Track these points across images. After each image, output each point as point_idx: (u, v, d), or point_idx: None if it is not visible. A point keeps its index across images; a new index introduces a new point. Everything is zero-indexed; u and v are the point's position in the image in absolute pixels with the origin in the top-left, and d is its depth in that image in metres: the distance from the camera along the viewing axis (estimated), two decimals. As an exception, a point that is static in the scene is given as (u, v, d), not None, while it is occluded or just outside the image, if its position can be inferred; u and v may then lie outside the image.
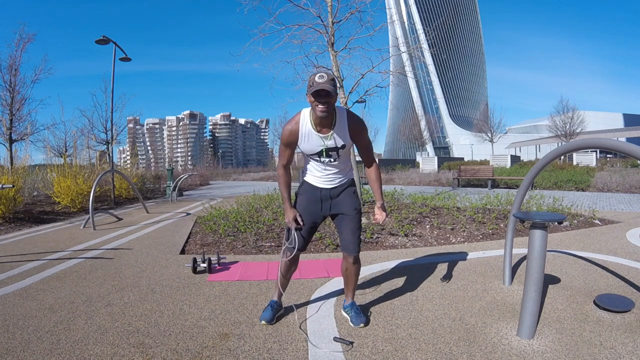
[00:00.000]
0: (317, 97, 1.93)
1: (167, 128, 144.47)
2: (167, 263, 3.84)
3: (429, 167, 25.34)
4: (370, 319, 2.38)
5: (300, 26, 6.27)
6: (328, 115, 1.99)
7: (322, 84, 1.89)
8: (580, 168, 18.68)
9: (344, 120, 2.09)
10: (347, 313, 2.36)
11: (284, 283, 2.41)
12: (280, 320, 2.37)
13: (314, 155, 2.17)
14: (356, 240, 2.24)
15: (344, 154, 2.18)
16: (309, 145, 2.12)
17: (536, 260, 2.07)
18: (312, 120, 2.07)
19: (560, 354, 1.90)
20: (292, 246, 2.24)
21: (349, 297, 2.41)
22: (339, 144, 2.11)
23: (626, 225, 5.50)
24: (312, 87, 1.91)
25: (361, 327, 2.26)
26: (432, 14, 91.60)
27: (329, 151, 2.13)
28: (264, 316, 2.32)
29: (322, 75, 1.93)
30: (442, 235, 4.82)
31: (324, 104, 1.94)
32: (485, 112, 49.35)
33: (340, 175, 2.26)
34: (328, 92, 1.91)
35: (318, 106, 1.95)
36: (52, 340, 2.13)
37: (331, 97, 1.94)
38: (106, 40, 9.56)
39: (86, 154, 12.40)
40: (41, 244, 4.95)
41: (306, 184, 2.31)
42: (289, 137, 2.12)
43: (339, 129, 2.09)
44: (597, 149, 16.29)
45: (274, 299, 2.42)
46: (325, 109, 1.95)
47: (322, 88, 1.89)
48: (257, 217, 5.64)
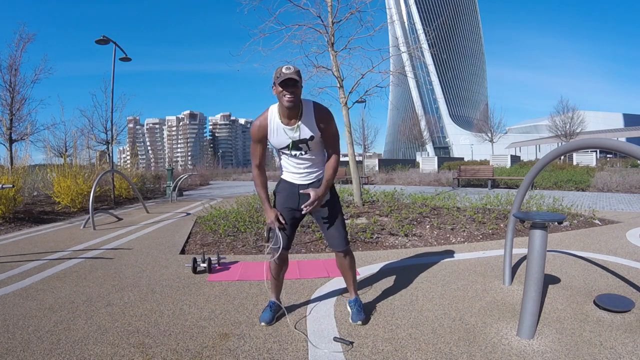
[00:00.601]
0: (284, 86, 1.97)
1: (167, 128, 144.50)
2: (167, 263, 3.84)
3: (429, 167, 25.34)
4: (370, 318, 2.38)
5: (300, 26, 6.28)
6: (294, 105, 2.03)
7: (289, 74, 1.95)
8: (580, 168, 18.68)
9: (310, 111, 2.12)
10: (351, 308, 2.39)
11: (278, 285, 2.39)
12: (280, 320, 2.37)
13: (284, 149, 2.19)
14: (341, 235, 2.26)
15: (314, 147, 2.18)
16: (278, 138, 2.15)
17: (536, 260, 2.07)
18: (280, 113, 2.11)
19: (560, 354, 1.90)
20: (277, 246, 2.22)
21: (351, 292, 2.43)
22: (306, 135, 2.12)
23: (626, 225, 5.50)
24: (280, 78, 1.96)
25: (359, 324, 2.27)
26: (432, 14, 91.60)
27: (298, 143, 2.14)
28: (263, 317, 2.32)
29: (289, 67, 1.98)
30: (442, 235, 4.82)
31: (291, 93, 1.98)
32: (485, 112, 49.35)
33: (316, 169, 2.25)
34: (295, 81, 1.97)
35: (285, 96, 1.98)
36: (52, 340, 2.13)
37: (297, 87, 1.99)
38: (106, 40, 9.56)
39: (86, 154, 12.42)
40: (41, 244, 4.95)
41: (283, 182, 2.31)
42: (258, 132, 2.15)
43: (305, 120, 2.11)
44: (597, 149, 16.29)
45: (272, 300, 2.42)
46: (292, 99, 1.99)
47: (289, 77, 1.94)
48: (257, 217, 5.64)
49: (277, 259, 2.26)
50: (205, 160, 72.31)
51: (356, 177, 6.79)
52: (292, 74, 1.95)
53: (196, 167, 48.17)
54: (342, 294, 2.80)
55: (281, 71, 1.98)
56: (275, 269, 2.33)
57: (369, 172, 22.55)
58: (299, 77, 1.98)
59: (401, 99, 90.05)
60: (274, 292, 2.42)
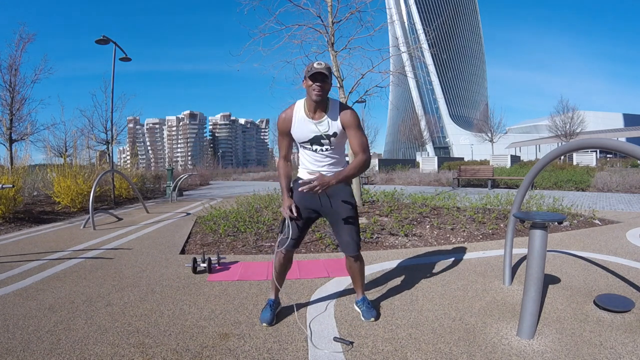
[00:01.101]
0: (314, 80, 2.04)
1: (167, 128, 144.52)
2: (167, 263, 3.84)
3: (429, 167, 25.34)
4: (380, 313, 2.43)
5: (300, 26, 6.28)
6: (322, 99, 2.10)
7: (320, 68, 2.03)
8: (580, 168, 18.68)
9: (336, 109, 2.19)
10: (359, 308, 2.42)
11: (280, 280, 2.38)
12: (280, 320, 2.37)
13: (307, 143, 2.20)
14: (355, 240, 2.26)
15: (337, 145, 2.20)
16: (301, 131, 2.18)
17: (536, 260, 2.07)
18: (306, 107, 2.18)
19: (560, 354, 1.90)
20: (285, 237, 2.20)
21: (359, 293, 2.46)
22: (329, 131, 2.16)
23: (626, 225, 5.50)
24: (310, 71, 2.05)
25: (372, 321, 2.32)
26: (432, 14, 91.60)
27: (320, 138, 2.16)
28: (263, 317, 2.31)
29: (320, 63, 2.07)
30: (442, 235, 4.82)
31: (320, 87, 2.05)
32: (485, 112, 49.30)
33: (334, 169, 2.25)
34: (325, 76, 2.04)
35: (315, 90, 2.05)
36: (52, 340, 2.13)
37: (326, 82, 2.06)
38: (106, 40, 9.56)
39: (86, 154, 12.43)
40: (41, 244, 4.95)
41: (300, 180, 2.31)
42: (283, 124, 2.22)
43: (330, 116, 2.17)
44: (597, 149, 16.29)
45: (271, 298, 2.40)
46: (320, 93, 2.06)
47: (320, 71, 2.02)
48: (257, 217, 5.64)
49: (284, 253, 2.25)
50: (205, 160, 72.34)
51: (356, 177, 6.79)
52: (323, 69, 2.04)
53: (196, 167, 48.17)
54: (343, 294, 2.80)
55: (312, 66, 2.06)
56: (279, 264, 2.31)
57: (369, 172, 22.54)
58: (329, 73, 2.06)
59: (401, 99, 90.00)
60: (274, 291, 2.41)
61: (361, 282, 2.43)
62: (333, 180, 2.04)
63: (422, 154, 53.13)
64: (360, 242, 2.33)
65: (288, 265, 2.36)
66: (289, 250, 2.26)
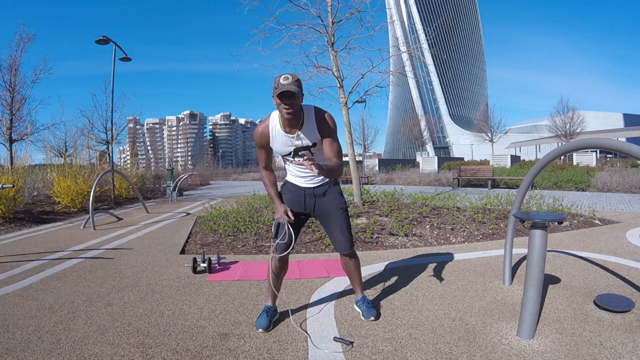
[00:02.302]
0: (282, 98, 1.92)
1: (167, 128, 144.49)
2: (167, 263, 3.84)
3: (429, 167, 25.32)
4: (381, 312, 2.43)
5: (300, 26, 6.28)
6: (294, 116, 2.00)
7: (287, 86, 1.89)
8: (580, 168, 18.68)
9: (311, 118, 2.09)
10: (359, 307, 2.42)
11: (277, 285, 2.33)
12: (280, 320, 2.36)
13: (287, 156, 2.19)
14: (347, 239, 2.27)
15: (318, 153, 2.16)
16: (280, 146, 2.15)
17: (536, 260, 2.07)
18: (281, 122, 2.09)
19: (560, 354, 1.90)
20: (284, 242, 2.19)
21: (358, 292, 2.46)
22: (309, 143, 2.12)
23: (626, 225, 5.50)
24: (277, 89, 1.91)
25: (372, 320, 2.32)
26: (432, 14, 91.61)
27: (299, 150, 2.14)
28: (260, 324, 2.23)
29: (287, 77, 1.92)
30: (442, 235, 4.82)
31: (289, 105, 1.94)
32: (485, 112, 49.28)
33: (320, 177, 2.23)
34: (293, 94, 1.91)
35: (285, 109, 1.95)
36: (52, 340, 2.13)
37: (296, 98, 1.94)
38: (106, 40, 9.56)
39: (86, 154, 12.36)
40: (41, 244, 4.95)
41: (289, 184, 2.31)
42: (260, 140, 2.17)
43: (307, 128, 2.09)
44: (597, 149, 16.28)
45: (268, 304, 2.33)
46: (290, 111, 1.95)
47: (287, 90, 1.89)
48: (257, 217, 5.64)
49: (280, 257, 2.23)
50: (205, 160, 72.24)
51: (356, 177, 6.79)
52: (290, 84, 1.89)
53: (196, 167, 48.17)
54: (343, 294, 2.80)
55: (279, 82, 1.92)
56: (277, 269, 2.28)
57: (369, 172, 22.54)
58: (297, 87, 1.92)
59: (401, 99, 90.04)
60: (271, 296, 2.34)
61: (359, 280, 2.43)
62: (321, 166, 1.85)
63: (422, 154, 53.16)
64: (353, 240, 2.34)
65: (285, 269, 2.33)
66: (285, 253, 2.25)
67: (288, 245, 2.20)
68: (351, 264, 2.36)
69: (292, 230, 2.20)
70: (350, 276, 2.43)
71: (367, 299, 2.45)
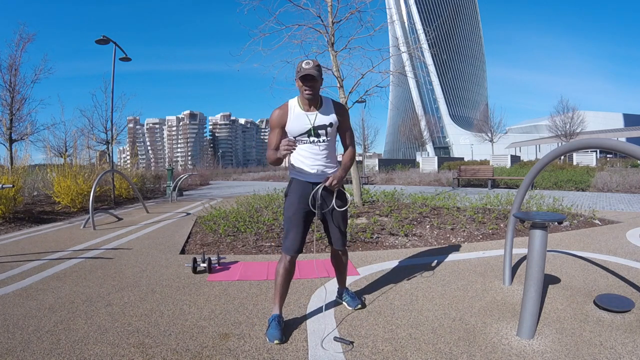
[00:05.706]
0: (304, 81, 2.13)
1: (167, 128, 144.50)
2: (167, 263, 3.84)
3: (429, 167, 25.33)
4: (365, 303, 2.62)
5: (300, 26, 6.28)
6: (314, 97, 2.19)
7: (308, 70, 2.10)
8: (580, 168, 18.68)
9: (329, 103, 2.30)
10: (344, 299, 2.60)
11: (284, 292, 2.27)
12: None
13: (303, 135, 2.22)
14: (344, 236, 2.42)
15: (332, 136, 2.27)
16: (298, 124, 2.22)
17: (536, 260, 2.07)
18: (301, 103, 2.25)
19: (560, 354, 1.90)
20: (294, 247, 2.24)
21: (341, 285, 2.62)
22: (326, 122, 2.24)
23: (626, 225, 5.50)
24: (300, 72, 2.12)
25: (358, 308, 2.51)
26: (432, 14, 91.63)
27: (318, 129, 2.22)
28: (274, 335, 2.09)
29: (309, 62, 2.13)
30: (442, 235, 4.82)
31: (310, 87, 2.14)
32: (485, 112, 49.27)
33: (330, 163, 2.29)
34: (313, 77, 2.11)
35: (306, 90, 2.14)
36: (52, 340, 2.13)
37: (316, 81, 2.14)
38: (106, 40, 9.56)
39: (86, 154, 12.36)
40: (41, 244, 4.95)
41: (295, 182, 2.30)
42: (278, 118, 2.25)
43: (325, 109, 2.26)
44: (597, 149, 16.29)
45: (276, 313, 2.23)
46: (311, 92, 2.15)
47: (308, 73, 2.09)
48: (257, 217, 5.64)
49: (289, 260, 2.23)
50: (205, 160, 72.24)
51: (356, 177, 6.79)
52: (311, 69, 2.10)
53: (196, 167, 48.18)
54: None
55: (301, 66, 2.13)
56: (285, 270, 2.23)
57: (369, 172, 22.55)
58: (317, 72, 2.12)
59: (401, 99, 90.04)
60: (279, 302, 2.25)
61: (345, 274, 2.59)
62: (341, 172, 2.28)
63: (422, 154, 53.15)
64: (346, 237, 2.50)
65: (292, 271, 2.29)
66: (293, 255, 2.24)
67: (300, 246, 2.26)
68: (343, 259, 2.50)
69: (298, 232, 2.24)
70: (339, 270, 2.55)
71: (350, 290, 2.64)
